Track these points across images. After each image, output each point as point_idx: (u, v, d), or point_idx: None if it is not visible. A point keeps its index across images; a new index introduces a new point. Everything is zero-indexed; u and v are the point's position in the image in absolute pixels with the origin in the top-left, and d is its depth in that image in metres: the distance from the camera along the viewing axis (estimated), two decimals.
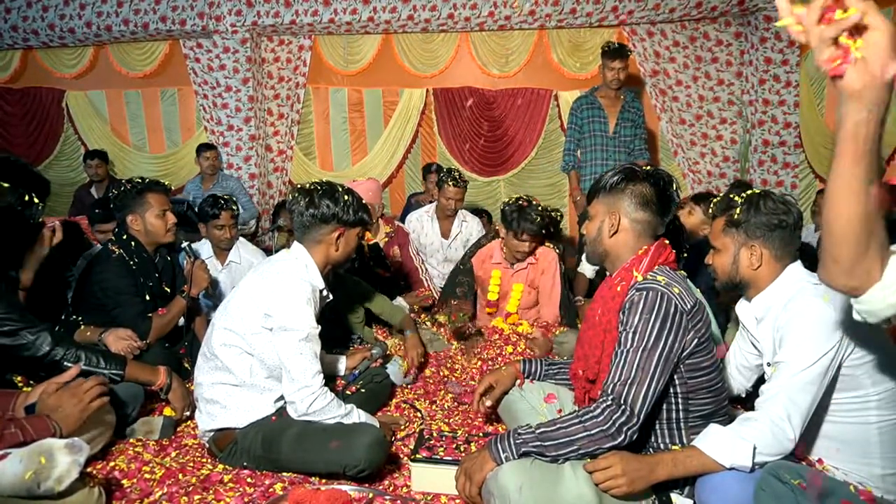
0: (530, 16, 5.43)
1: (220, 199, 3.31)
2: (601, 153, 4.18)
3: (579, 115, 4.22)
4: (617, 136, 4.19)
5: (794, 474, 1.31)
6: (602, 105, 4.19)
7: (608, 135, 4.18)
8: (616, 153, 4.18)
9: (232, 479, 1.82)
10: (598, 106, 4.19)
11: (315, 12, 5.44)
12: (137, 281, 2.59)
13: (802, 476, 1.31)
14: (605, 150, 4.17)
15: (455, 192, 3.95)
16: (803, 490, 1.28)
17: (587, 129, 4.19)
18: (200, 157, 5.39)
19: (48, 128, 6.30)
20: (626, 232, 1.67)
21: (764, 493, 1.33)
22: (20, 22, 5.64)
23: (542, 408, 1.90)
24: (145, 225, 2.62)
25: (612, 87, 4.16)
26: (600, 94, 4.23)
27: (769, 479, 1.33)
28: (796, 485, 1.29)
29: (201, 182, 5.42)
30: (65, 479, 1.41)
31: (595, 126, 4.17)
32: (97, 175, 5.35)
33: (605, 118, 4.18)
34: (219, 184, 5.33)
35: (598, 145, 4.18)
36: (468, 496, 1.53)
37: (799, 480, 1.30)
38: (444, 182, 3.96)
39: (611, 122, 4.18)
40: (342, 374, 2.42)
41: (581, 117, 4.21)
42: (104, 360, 2.06)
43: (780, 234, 1.65)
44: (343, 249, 2.07)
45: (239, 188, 5.42)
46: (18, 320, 1.95)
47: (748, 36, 5.51)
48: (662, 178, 1.68)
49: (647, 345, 1.51)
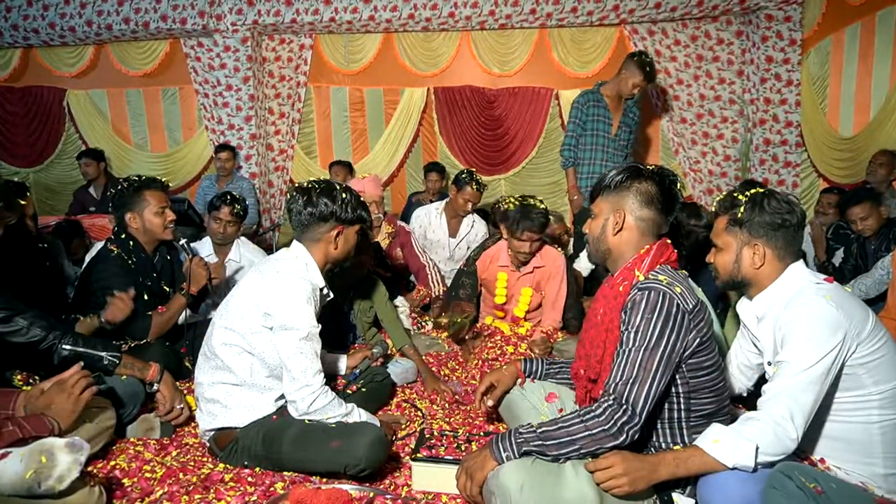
0: (531, 14, 5.43)
1: (229, 194, 3.33)
2: (601, 153, 4.11)
3: (584, 111, 4.10)
4: (618, 138, 4.15)
5: (809, 477, 1.30)
6: (608, 105, 4.11)
7: (610, 136, 4.12)
8: (615, 155, 4.14)
9: (233, 479, 1.82)
10: (603, 105, 4.10)
11: (316, 11, 5.44)
12: (136, 280, 2.59)
13: (817, 480, 1.30)
14: (605, 151, 4.11)
15: (474, 194, 3.97)
16: (819, 494, 1.27)
17: (590, 127, 4.09)
18: (215, 157, 5.43)
19: (49, 127, 6.30)
20: (630, 230, 1.66)
21: (776, 492, 1.32)
22: (21, 21, 5.64)
23: (543, 407, 1.90)
24: (143, 223, 2.62)
25: (627, 96, 4.10)
26: (607, 92, 4.13)
27: (782, 479, 1.32)
28: (812, 488, 1.28)
29: (216, 181, 5.45)
30: (65, 479, 1.41)
31: (599, 125, 4.09)
32: (88, 174, 5.33)
33: (609, 119, 4.11)
34: (232, 184, 5.33)
35: (600, 145, 4.11)
36: (469, 495, 1.53)
37: (815, 484, 1.29)
38: (466, 183, 3.95)
39: (614, 124, 4.13)
40: (343, 374, 2.41)
41: (586, 113, 4.10)
42: (101, 345, 2.07)
43: (784, 233, 1.64)
44: (342, 247, 2.07)
45: (248, 192, 5.39)
46: (9, 307, 1.94)
47: (749, 34, 5.50)
48: (667, 177, 1.68)
49: (649, 344, 1.50)
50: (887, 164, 4.19)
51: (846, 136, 4.88)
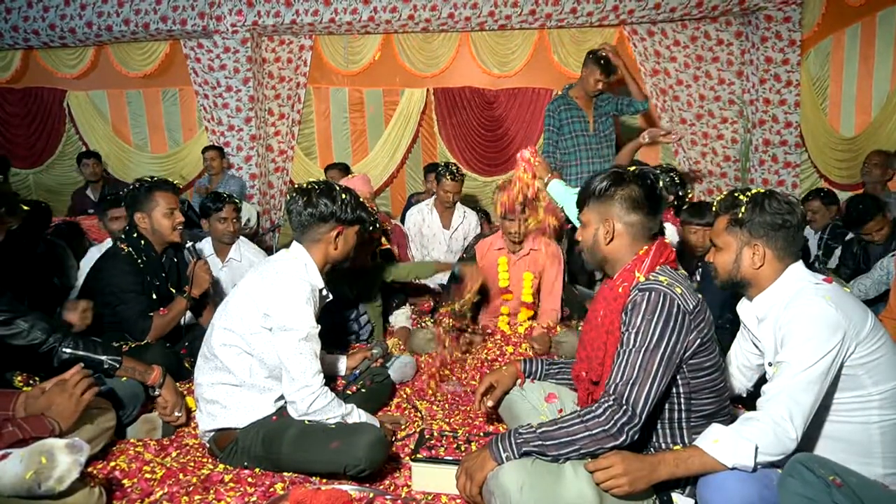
0: (531, 15, 5.43)
1: (222, 194, 3.40)
2: (585, 152, 4.19)
3: (557, 116, 4.20)
4: (597, 132, 4.23)
5: (828, 469, 1.31)
6: (578, 105, 4.21)
7: (589, 133, 4.20)
8: (599, 150, 4.22)
9: (232, 479, 1.82)
10: (575, 106, 4.20)
11: (316, 12, 5.44)
12: (144, 279, 2.60)
13: (836, 472, 1.30)
14: (588, 149, 4.20)
15: (452, 185, 4.15)
16: (839, 487, 1.27)
17: (567, 131, 4.18)
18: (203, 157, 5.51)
19: (49, 128, 6.30)
20: (621, 236, 1.67)
21: (792, 480, 1.32)
22: (21, 22, 5.64)
23: (542, 407, 1.90)
24: (152, 223, 2.63)
25: (592, 94, 4.19)
26: (575, 94, 4.24)
27: (799, 468, 1.32)
28: (830, 480, 1.28)
29: (208, 182, 5.51)
30: (66, 479, 1.42)
31: (576, 126, 4.18)
32: (93, 175, 5.39)
33: (584, 117, 4.20)
34: (223, 184, 5.38)
35: (582, 145, 4.19)
36: (469, 496, 1.53)
37: (833, 476, 1.29)
38: (442, 176, 4.17)
39: (590, 120, 4.22)
40: (343, 374, 2.42)
41: (560, 119, 4.19)
42: (101, 348, 2.07)
43: (784, 234, 1.64)
44: (342, 248, 2.07)
45: (241, 190, 5.46)
46: (11, 309, 1.94)
47: (749, 35, 5.50)
48: (649, 177, 1.68)
49: (650, 345, 1.50)
50: (881, 164, 4.23)
51: (847, 136, 4.88)
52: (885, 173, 4.25)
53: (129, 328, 2.52)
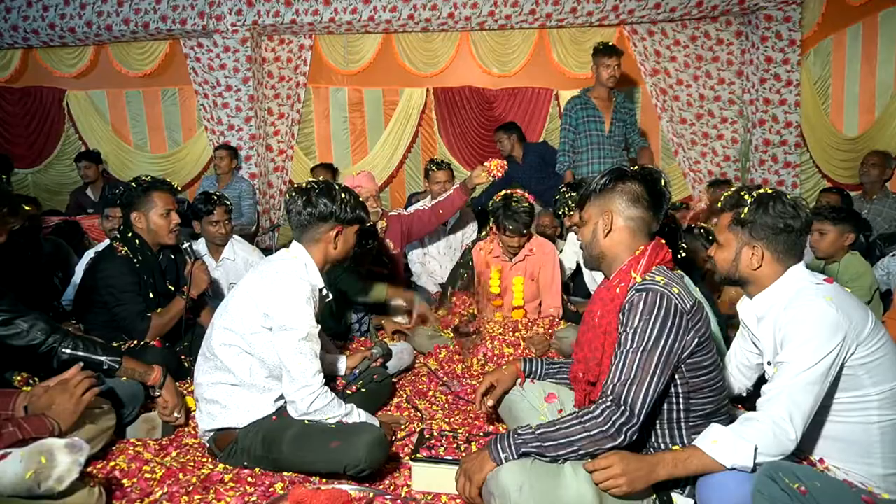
0: (531, 15, 5.43)
1: (213, 195, 3.35)
2: (598, 151, 4.25)
3: (574, 115, 4.28)
4: (612, 135, 4.28)
5: (793, 477, 1.31)
6: (596, 105, 4.26)
7: (604, 133, 4.26)
8: (612, 151, 4.28)
9: (232, 479, 1.82)
10: (592, 106, 4.26)
11: (315, 11, 5.44)
12: (141, 279, 2.58)
13: (801, 479, 1.30)
14: (601, 148, 4.25)
15: (441, 174, 4.12)
16: (803, 495, 1.27)
17: (583, 129, 4.26)
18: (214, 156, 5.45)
19: (49, 127, 6.30)
20: (620, 231, 1.66)
21: (761, 496, 1.32)
22: (20, 21, 5.64)
23: (542, 407, 1.90)
24: (148, 223, 2.62)
25: (609, 84, 4.23)
26: (594, 94, 4.30)
27: (766, 482, 1.33)
28: (795, 489, 1.28)
29: (216, 181, 5.43)
30: (65, 479, 1.41)
31: (591, 125, 4.25)
32: (88, 176, 5.34)
33: (600, 118, 4.26)
34: (232, 184, 5.31)
35: (595, 144, 4.26)
36: (468, 496, 1.53)
37: (798, 484, 1.29)
38: (430, 170, 4.18)
39: (606, 122, 4.26)
40: (342, 374, 2.41)
41: (576, 117, 4.27)
42: (101, 349, 2.06)
43: (785, 237, 1.63)
44: (342, 247, 2.07)
45: (248, 193, 5.37)
46: (11, 309, 1.94)
47: (749, 35, 5.51)
48: (651, 175, 1.68)
49: (647, 345, 1.50)
50: (879, 164, 4.24)
51: (851, 135, 4.88)
52: (882, 173, 4.26)
53: (126, 329, 2.51)
